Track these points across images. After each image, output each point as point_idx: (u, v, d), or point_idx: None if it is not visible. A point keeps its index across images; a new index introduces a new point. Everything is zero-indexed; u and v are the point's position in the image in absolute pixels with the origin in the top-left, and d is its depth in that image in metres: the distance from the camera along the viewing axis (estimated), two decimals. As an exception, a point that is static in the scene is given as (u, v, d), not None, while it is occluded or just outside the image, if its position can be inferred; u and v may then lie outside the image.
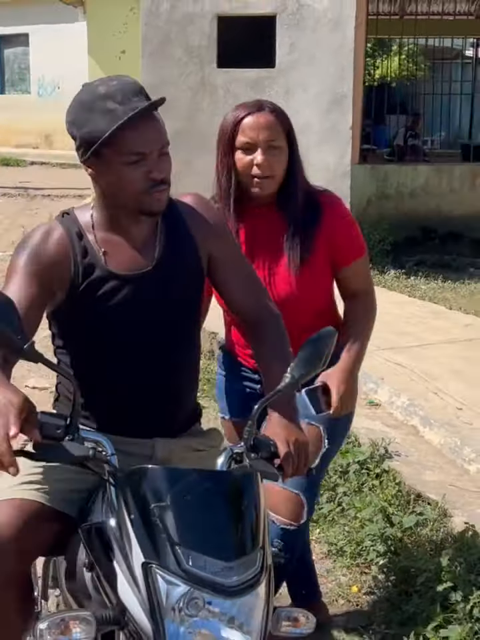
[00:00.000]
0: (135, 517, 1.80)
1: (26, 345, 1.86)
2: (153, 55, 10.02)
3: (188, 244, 2.33)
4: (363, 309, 2.99)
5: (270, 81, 9.91)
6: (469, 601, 3.15)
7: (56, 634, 1.81)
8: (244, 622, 1.75)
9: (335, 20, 9.73)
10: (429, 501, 4.13)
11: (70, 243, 2.23)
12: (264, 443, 2.06)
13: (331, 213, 2.87)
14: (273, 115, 2.76)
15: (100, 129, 2.11)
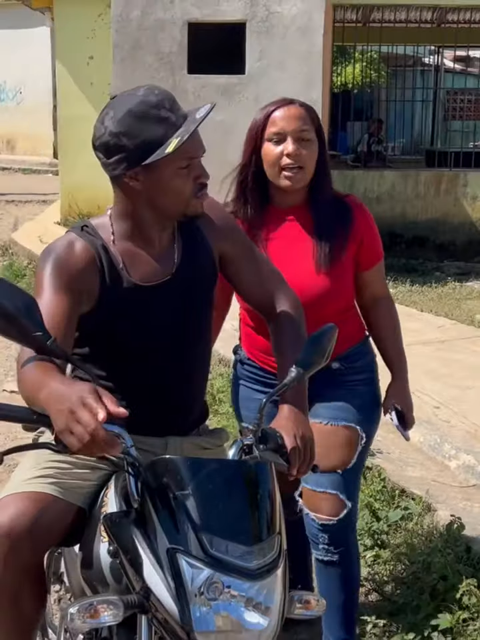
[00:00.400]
0: (158, 504, 1.87)
1: (49, 341, 1.93)
2: (123, 61, 10.08)
3: (203, 248, 2.39)
4: (392, 317, 3.06)
5: (240, 87, 10.02)
6: (458, 590, 3.25)
7: (85, 617, 1.87)
8: (263, 604, 1.82)
9: (303, 27, 9.86)
10: (413, 496, 4.25)
11: (96, 255, 2.25)
12: (271, 435, 2.13)
13: (360, 215, 2.91)
14: (303, 108, 2.79)
15: (157, 137, 2.12)
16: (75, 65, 12.43)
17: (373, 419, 3.00)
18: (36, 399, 1.92)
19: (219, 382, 5.90)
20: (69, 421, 1.77)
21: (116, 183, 2.25)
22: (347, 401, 2.91)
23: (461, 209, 11.51)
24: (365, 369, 3.01)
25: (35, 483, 2.26)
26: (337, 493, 2.90)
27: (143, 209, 2.25)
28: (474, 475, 4.59)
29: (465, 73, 19.56)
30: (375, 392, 3.02)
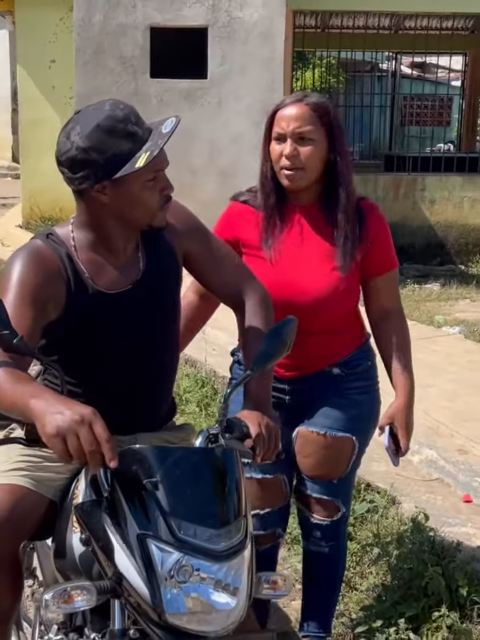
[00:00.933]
0: (128, 492, 1.94)
1: (16, 339, 1.99)
2: (86, 65, 10.12)
3: (167, 251, 2.43)
4: (401, 334, 2.93)
5: (202, 91, 10.10)
6: (424, 578, 3.33)
7: (59, 603, 1.96)
8: (231, 584, 1.89)
9: (264, 33, 9.96)
10: (378, 490, 4.36)
11: (61, 264, 2.27)
12: (237, 424, 2.19)
13: (374, 219, 2.85)
14: (309, 106, 2.73)
15: (125, 151, 2.15)
16: (36, 69, 12.41)
17: (368, 429, 2.99)
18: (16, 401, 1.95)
19: (186, 382, 5.97)
20: (66, 431, 1.83)
21: (80, 196, 2.27)
22: (344, 411, 2.90)
23: (419, 213, 11.69)
24: (366, 375, 2.96)
25: (8, 475, 2.32)
26: (333, 500, 2.99)
27: (108, 221, 2.28)
28: (436, 469, 4.71)
29: (421, 79, 19.86)
30: (372, 401, 2.99)
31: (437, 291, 9.81)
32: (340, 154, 2.77)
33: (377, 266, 2.89)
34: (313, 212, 2.84)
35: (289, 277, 2.81)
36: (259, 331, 2.47)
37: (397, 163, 12.49)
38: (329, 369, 2.91)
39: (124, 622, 1.99)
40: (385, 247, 2.90)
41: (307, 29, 13.33)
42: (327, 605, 3.18)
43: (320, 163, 2.77)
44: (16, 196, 14.53)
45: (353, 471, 3.05)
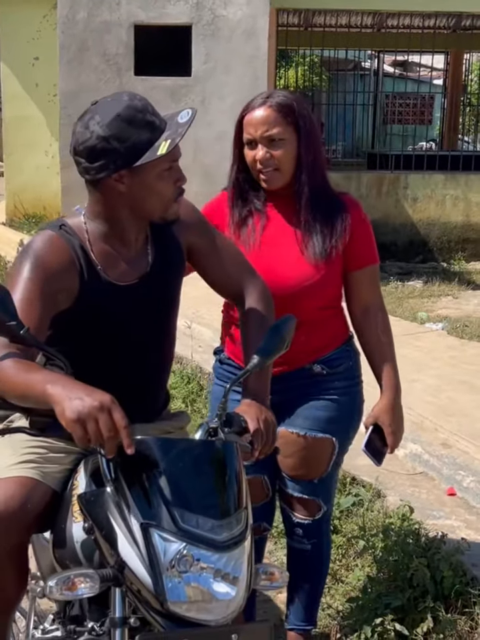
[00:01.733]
0: (131, 482, 1.97)
1: (22, 330, 2.02)
2: (70, 62, 10.13)
3: (173, 245, 2.47)
4: (383, 329, 2.94)
5: (187, 89, 10.13)
6: (409, 570, 3.37)
7: (63, 589, 1.99)
8: (231, 574, 1.93)
9: (248, 31, 10.00)
10: (363, 484, 4.40)
11: (74, 255, 2.29)
12: (235, 419, 2.23)
13: (355, 213, 2.87)
14: (272, 108, 2.75)
15: (145, 140, 2.20)
16: (19, 66, 12.39)
17: (349, 429, 3.00)
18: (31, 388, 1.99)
19: (171, 379, 5.97)
20: (86, 417, 1.87)
21: (95, 186, 2.30)
22: (324, 412, 2.91)
23: (402, 211, 11.75)
24: (347, 375, 2.96)
25: (18, 468, 2.33)
26: (314, 499, 3.01)
27: (122, 212, 2.32)
28: (420, 463, 4.77)
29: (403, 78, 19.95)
30: (354, 401, 2.99)
31: (419, 288, 9.88)
32: (305, 146, 2.80)
33: (356, 259, 2.90)
34: (288, 203, 2.87)
35: (266, 267, 2.82)
36: (258, 326, 2.51)
37: (379, 161, 12.53)
38: (310, 366, 2.92)
39: (124, 610, 2.01)
40: (365, 242, 2.91)
41: (290, 27, 13.36)
42: (311, 599, 3.21)
43: (293, 160, 2.81)
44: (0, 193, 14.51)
45: (334, 471, 3.07)
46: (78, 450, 2.32)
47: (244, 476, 2.09)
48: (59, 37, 10.17)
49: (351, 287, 2.95)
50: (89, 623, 2.16)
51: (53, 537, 2.31)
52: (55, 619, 2.32)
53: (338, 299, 2.98)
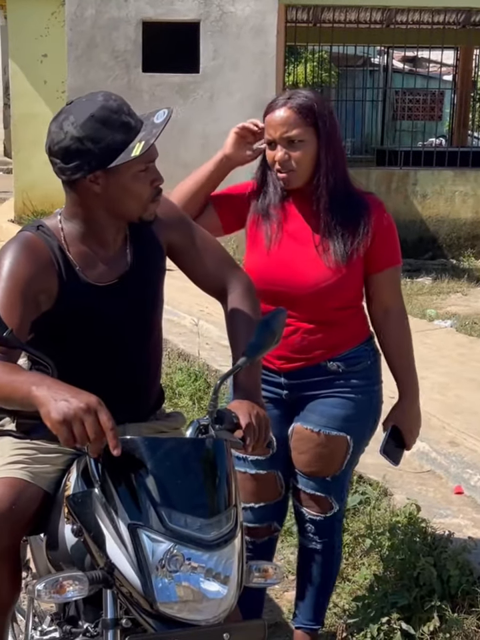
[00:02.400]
0: (118, 483, 1.97)
1: (6, 332, 2.00)
2: (78, 59, 10.12)
3: (153, 244, 2.45)
4: (402, 333, 2.96)
5: (195, 85, 10.11)
6: (415, 568, 3.36)
7: (52, 593, 1.98)
8: (222, 573, 1.92)
9: (257, 27, 9.97)
10: (370, 482, 4.38)
11: (52, 255, 2.28)
12: (227, 415, 2.21)
13: (378, 214, 2.86)
14: (293, 109, 2.75)
15: (119, 141, 2.18)
16: (28, 63, 12.40)
17: (365, 429, 2.99)
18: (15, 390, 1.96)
19: (179, 376, 5.99)
20: (72, 418, 1.85)
21: (71, 187, 2.29)
22: (340, 409, 2.90)
23: (411, 207, 11.71)
24: (365, 374, 2.95)
25: (7, 469, 2.33)
26: (326, 496, 3.01)
27: (99, 212, 2.30)
28: (428, 461, 4.74)
29: (413, 73, 19.85)
30: (371, 401, 2.98)
31: (428, 285, 9.84)
32: (325, 147, 2.80)
33: (377, 261, 2.89)
34: (308, 202, 2.86)
35: (284, 264, 2.84)
36: (244, 321, 2.49)
37: (388, 157, 12.50)
38: (326, 362, 2.91)
39: (116, 611, 2.00)
40: (388, 244, 2.90)
41: (299, 23, 13.32)
42: (320, 599, 3.21)
43: (312, 161, 2.80)
44: (8, 190, 14.53)
45: (348, 470, 3.06)
46: (71, 451, 2.31)
47: (234, 473, 2.08)
48: (67, 34, 10.16)
49: (371, 289, 2.94)
50: (84, 624, 2.15)
51: (46, 539, 2.31)
52: (53, 619, 2.31)
53: (358, 299, 2.97)
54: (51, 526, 2.28)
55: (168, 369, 6.05)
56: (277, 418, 2.92)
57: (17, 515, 2.25)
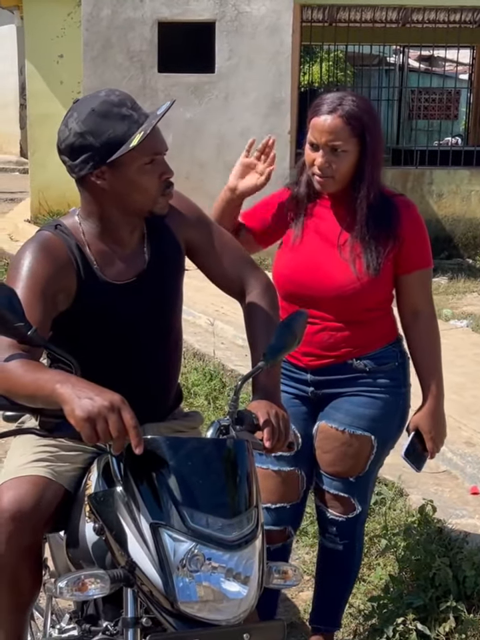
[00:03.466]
0: (140, 482, 1.97)
1: (30, 331, 2.01)
2: (94, 59, 10.16)
3: (170, 242, 2.46)
4: (430, 336, 2.94)
5: (210, 85, 10.12)
6: (431, 569, 3.36)
7: (73, 590, 1.98)
8: (243, 573, 1.92)
9: (272, 27, 9.98)
10: (386, 482, 4.38)
11: (71, 254, 2.30)
12: (247, 416, 2.21)
13: (407, 216, 2.86)
14: (343, 119, 2.74)
15: (121, 134, 2.19)
16: (44, 64, 12.44)
17: (390, 430, 2.99)
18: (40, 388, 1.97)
19: (194, 376, 6.00)
20: (96, 416, 1.86)
21: (82, 185, 2.30)
22: (366, 409, 2.90)
23: (427, 207, 11.65)
24: (392, 375, 2.94)
25: (30, 467, 2.34)
26: (349, 497, 3.00)
27: (110, 209, 2.31)
28: (444, 462, 4.73)
29: (429, 72, 19.78)
30: (397, 402, 2.97)
31: (444, 285, 9.81)
32: (367, 160, 2.78)
33: (407, 263, 2.89)
34: (339, 204, 2.87)
35: (313, 265, 2.85)
36: (263, 322, 2.49)
37: (404, 156, 12.44)
38: (353, 361, 2.91)
39: (136, 610, 2.01)
40: (418, 245, 2.91)
41: (315, 22, 13.30)
42: (338, 601, 3.21)
43: (351, 170, 2.80)
44: (24, 191, 14.58)
45: (372, 471, 3.04)
46: (91, 449, 2.32)
47: (255, 474, 2.08)
48: (83, 35, 10.20)
49: (401, 290, 2.93)
50: (104, 622, 2.16)
51: (67, 537, 2.31)
52: (72, 617, 2.32)
53: (387, 302, 2.97)
54: (71, 524, 2.28)
55: (183, 369, 6.05)
56: (302, 415, 2.94)
57: (40, 512, 2.26)
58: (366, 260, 2.82)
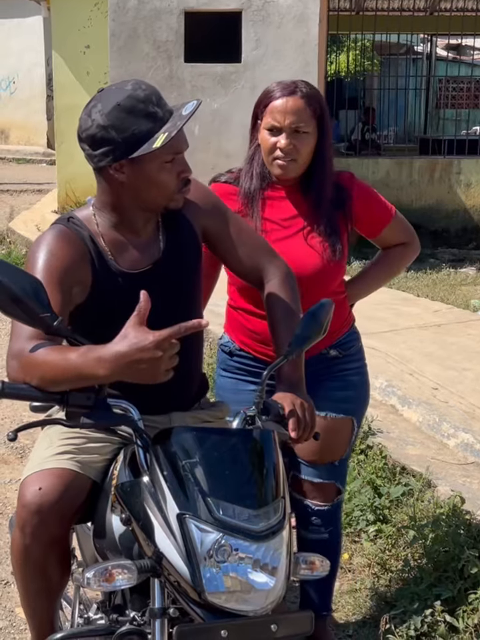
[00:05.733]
0: (167, 473, 1.97)
1: (56, 322, 2.00)
2: (120, 50, 10.15)
3: (186, 230, 2.45)
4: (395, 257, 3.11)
5: (236, 75, 10.10)
6: (460, 561, 3.34)
7: (101, 581, 1.98)
8: (270, 564, 1.91)
9: (299, 16, 9.93)
10: (414, 473, 4.36)
11: (85, 246, 2.30)
12: (273, 406, 2.21)
13: (356, 187, 2.92)
14: (304, 100, 2.74)
15: (144, 131, 2.18)
16: (71, 55, 12.48)
17: (364, 408, 3.10)
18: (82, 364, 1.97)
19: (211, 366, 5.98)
20: (157, 349, 1.91)
21: (100, 175, 2.30)
22: (342, 392, 2.96)
23: (454, 196, 11.60)
24: (357, 356, 3.05)
25: (55, 459, 2.35)
26: (333, 482, 3.02)
27: (126, 201, 2.31)
28: (472, 453, 4.69)
29: (457, 61, 19.65)
30: (365, 381, 3.09)
31: (472, 275, 9.75)
32: (325, 142, 2.83)
33: (371, 231, 3.00)
34: (295, 191, 2.88)
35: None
36: (283, 311, 2.48)
37: (432, 146, 12.40)
38: (327, 350, 2.95)
39: (164, 601, 2.01)
40: (377, 204, 2.97)
41: (342, 11, 13.23)
42: (327, 587, 3.21)
43: (311, 153, 2.82)
44: (51, 182, 14.64)
45: (350, 452, 3.12)
46: (118, 440, 2.31)
47: (282, 464, 2.07)
48: (110, 25, 10.19)
49: (384, 242, 3.06)
50: (131, 612, 2.16)
51: (94, 528, 2.32)
52: (99, 607, 2.33)
53: (342, 284, 3.04)
54: (98, 515, 2.29)
55: (209, 359, 6.05)
56: None
57: (66, 505, 2.27)
58: (331, 242, 2.85)
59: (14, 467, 4.69)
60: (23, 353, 2.07)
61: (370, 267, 3.18)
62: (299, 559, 2.12)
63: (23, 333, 2.10)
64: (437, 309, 7.60)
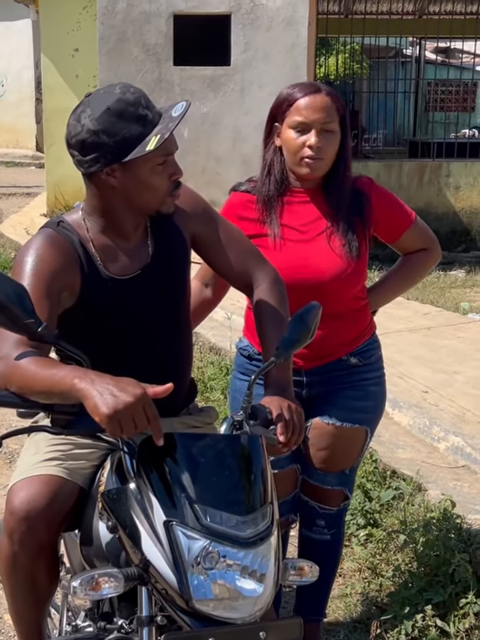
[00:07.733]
0: (154, 479, 1.95)
1: (40, 328, 1.99)
2: (109, 53, 10.14)
3: (175, 236, 2.44)
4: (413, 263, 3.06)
5: (226, 78, 10.09)
6: (450, 565, 3.32)
7: (87, 590, 1.96)
8: (258, 571, 1.89)
9: (288, 19, 9.93)
10: (404, 477, 4.35)
11: (74, 251, 2.28)
12: (261, 411, 2.19)
13: (374, 191, 2.87)
14: (329, 97, 2.72)
15: (136, 134, 2.16)
16: (60, 58, 12.48)
17: (379, 419, 3.07)
18: (56, 384, 1.95)
19: (210, 370, 5.98)
20: (121, 413, 1.86)
21: (90, 179, 2.28)
22: (359, 402, 2.93)
23: (444, 199, 11.62)
24: (377, 366, 3.01)
25: (42, 466, 2.33)
26: (342, 489, 3.02)
27: (117, 205, 2.29)
28: (463, 456, 4.70)
29: (446, 64, 19.70)
30: (383, 392, 3.05)
31: (462, 278, 9.77)
32: (347, 142, 2.81)
33: (391, 235, 2.96)
34: (316, 195, 2.85)
35: (297, 260, 2.80)
36: (271, 316, 2.47)
37: (421, 149, 12.41)
38: (347, 357, 2.92)
39: (151, 609, 1.99)
40: (397, 209, 2.93)
41: (330, 14, 13.25)
42: (324, 590, 3.20)
43: (335, 154, 2.79)
44: (40, 185, 14.61)
45: (361, 460, 3.12)
46: (105, 446, 2.29)
47: (269, 470, 2.05)
48: (98, 28, 10.18)
49: (404, 247, 3.02)
50: (119, 620, 2.14)
51: (80, 535, 2.30)
52: (87, 615, 2.31)
53: (364, 290, 2.99)
54: (85, 522, 2.27)
55: (199, 363, 6.05)
56: None
57: (54, 511, 2.24)
58: (352, 244, 2.81)
59: (2, 472, 4.66)
60: (8, 360, 2.05)
61: (390, 273, 3.14)
62: (288, 564, 2.10)
63: (10, 337, 2.08)
64: (427, 311, 7.62)
